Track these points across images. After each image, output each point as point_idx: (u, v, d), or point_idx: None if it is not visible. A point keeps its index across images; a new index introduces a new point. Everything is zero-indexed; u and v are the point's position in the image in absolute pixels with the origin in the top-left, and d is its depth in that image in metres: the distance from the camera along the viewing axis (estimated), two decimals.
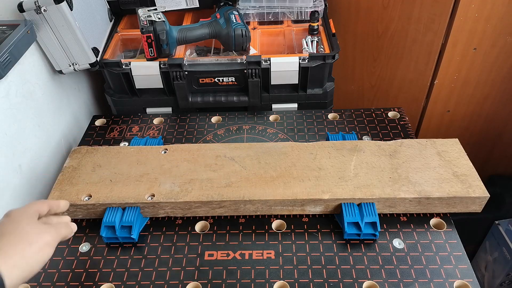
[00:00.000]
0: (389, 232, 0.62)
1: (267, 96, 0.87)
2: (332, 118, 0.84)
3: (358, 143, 0.70)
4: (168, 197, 0.62)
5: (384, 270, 0.57)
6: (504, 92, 1.10)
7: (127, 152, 0.71)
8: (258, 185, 0.63)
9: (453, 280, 0.56)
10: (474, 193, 0.61)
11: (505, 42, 0.99)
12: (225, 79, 0.84)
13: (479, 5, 0.93)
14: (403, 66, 1.12)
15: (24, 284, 0.58)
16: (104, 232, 0.61)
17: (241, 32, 0.81)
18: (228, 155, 0.69)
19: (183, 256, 0.60)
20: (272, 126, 0.83)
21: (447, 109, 1.16)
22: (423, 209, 0.63)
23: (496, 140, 1.22)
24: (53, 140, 0.81)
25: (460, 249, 0.59)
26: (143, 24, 0.78)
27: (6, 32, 0.66)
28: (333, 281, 0.56)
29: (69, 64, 0.79)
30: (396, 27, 1.05)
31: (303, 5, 0.92)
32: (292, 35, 0.92)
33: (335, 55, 0.82)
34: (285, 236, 0.62)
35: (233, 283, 0.57)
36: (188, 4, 0.92)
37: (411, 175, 0.64)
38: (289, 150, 0.69)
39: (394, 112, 0.84)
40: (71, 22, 0.73)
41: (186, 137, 0.81)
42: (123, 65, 0.83)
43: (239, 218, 0.65)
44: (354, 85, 1.23)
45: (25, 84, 0.72)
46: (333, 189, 0.62)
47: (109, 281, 0.58)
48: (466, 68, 1.06)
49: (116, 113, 0.92)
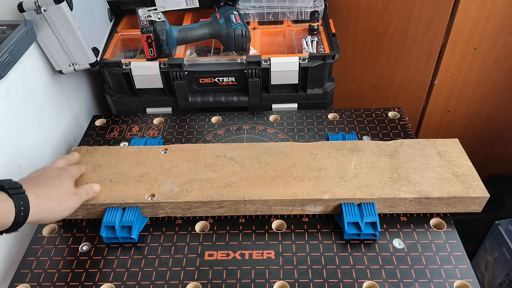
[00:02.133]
0: (389, 232, 0.62)
1: (267, 96, 0.87)
2: (332, 118, 0.84)
3: (358, 143, 0.70)
4: (168, 197, 0.62)
5: (384, 270, 0.57)
6: (504, 92, 1.10)
7: (127, 152, 0.71)
8: (258, 185, 0.63)
9: (453, 280, 0.56)
10: (474, 193, 0.61)
11: (505, 42, 0.99)
12: (225, 79, 0.84)
13: (479, 5, 0.93)
14: (403, 66, 1.12)
15: (24, 284, 0.58)
16: (104, 232, 0.61)
17: (241, 32, 0.81)
18: (228, 155, 0.69)
19: (183, 256, 0.60)
20: (272, 126, 0.83)
21: (447, 109, 1.16)
22: (423, 209, 0.63)
23: (496, 140, 1.22)
24: (53, 140, 0.81)
25: (460, 249, 0.59)
26: (143, 24, 0.78)
27: (6, 32, 0.66)
28: (333, 281, 0.56)
29: (69, 64, 0.79)
30: (396, 27, 1.05)
31: (303, 5, 0.92)
32: (292, 35, 0.92)
33: (335, 55, 0.82)
34: (285, 236, 0.62)
35: (233, 283, 0.57)
36: (188, 4, 0.92)
37: (411, 175, 0.64)
38: (289, 150, 0.69)
39: (394, 112, 0.84)
40: (71, 22, 0.73)
41: (186, 137, 0.81)
42: (123, 65, 0.83)
43: (239, 218, 0.65)
44: (354, 85, 1.23)
45: (25, 84, 0.72)
46: (333, 189, 0.62)
47: (109, 281, 0.58)
48: (466, 68, 1.06)
49: (116, 113, 0.92)
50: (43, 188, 0.53)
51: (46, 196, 0.52)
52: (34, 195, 0.50)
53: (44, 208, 0.52)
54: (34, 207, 0.49)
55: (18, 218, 0.47)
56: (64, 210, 0.54)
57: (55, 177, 0.56)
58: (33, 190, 0.51)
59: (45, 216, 0.52)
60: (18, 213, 0.47)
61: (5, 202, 0.47)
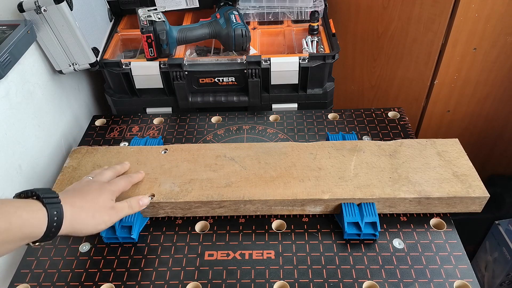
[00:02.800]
0: (389, 232, 0.62)
1: (267, 96, 0.87)
2: (332, 118, 0.84)
3: (358, 143, 0.70)
4: (168, 197, 0.62)
5: (384, 270, 0.57)
6: (504, 92, 1.10)
7: (127, 152, 0.71)
8: (258, 185, 0.63)
9: (453, 280, 0.56)
10: (474, 193, 0.61)
11: (505, 42, 0.99)
12: (225, 79, 0.84)
13: (479, 5, 0.93)
14: (403, 66, 1.12)
15: (24, 284, 0.58)
16: (104, 232, 0.61)
17: (241, 32, 0.81)
18: (228, 155, 0.69)
19: (183, 256, 0.60)
20: (272, 126, 0.83)
21: (447, 109, 1.16)
22: (423, 209, 0.63)
23: (496, 140, 1.22)
24: (53, 140, 0.81)
25: (460, 249, 0.59)
26: (143, 24, 0.78)
27: (6, 32, 0.66)
28: (333, 281, 0.56)
29: (69, 64, 0.79)
30: (396, 27, 1.05)
31: (303, 5, 0.92)
32: (292, 35, 0.92)
33: (335, 55, 0.82)
34: (285, 236, 0.62)
35: (233, 283, 0.57)
36: (188, 4, 0.92)
37: (411, 175, 0.64)
38: (289, 150, 0.69)
39: (394, 112, 0.84)
40: (71, 22, 0.73)
41: (186, 137, 0.81)
42: (123, 65, 0.83)
43: (239, 218, 0.65)
44: (354, 85, 1.23)
45: (25, 84, 0.72)
46: (333, 189, 0.62)
47: (109, 281, 0.58)
48: (466, 68, 1.06)
49: (116, 113, 0.92)
50: (80, 200, 0.52)
51: (80, 207, 0.51)
52: (69, 205, 0.49)
53: (77, 220, 0.50)
54: (67, 218, 0.48)
55: (51, 229, 0.46)
56: (98, 224, 0.53)
57: (95, 190, 0.55)
58: (69, 200, 0.50)
59: (78, 228, 0.50)
60: (50, 223, 0.46)
61: (37, 212, 0.45)
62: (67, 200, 0.49)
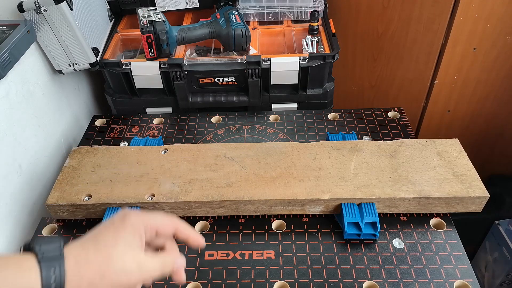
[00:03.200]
0: (389, 232, 0.62)
1: (267, 96, 0.87)
2: (332, 118, 0.84)
3: (358, 143, 0.70)
4: (168, 197, 0.62)
5: (384, 270, 0.57)
6: (504, 92, 1.10)
7: (127, 152, 0.71)
8: (258, 185, 0.63)
9: (453, 280, 0.56)
10: (474, 193, 0.61)
11: (505, 42, 0.99)
12: (225, 79, 0.84)
13: (479, 5, 0.93)
14: (403, 66, 1.12)
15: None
16: None
17: (241, 32, 0.81)
18: (228, 155, 0.69)
19: None
20: (272, 126, 0.83)
21: (447, 109, 1.16)
22: (423, 209, 0.63)
23: (497, 140, 1.22)
24: (53, 140, 0.81)
25: (460, 249, 0.59)
26: (143, 24, 0.78)
27: (6, 32, 0.66)
28: (333, 281, 0.56)
29: (69, 64, 0.79)
30: (396, 27, 1.05)
31: (303, 5, 0.91)
32: (292, 35, 0.92)
33: (335, 55, 0.82)
34: (285, 236, 0.62)
35: (233, 283, 0.57)
36: (188, 4, 0.92)
37: (411, 175, 0.64)
38: (289, 150, 0.69)
39: (394, 112, 0.84)
40: (71, 22, 0.73)
41: (186, 137, 0.81)
42: (123, 65, 0.83)
43: (239, 218, 0.65)
44: (354, 85, 1.23)
45: (25, 84, 0.72)
46: (333, 189, 0.62)
47: None
48: (466, 68, 1.06)
49: (116, 113, 0.92)
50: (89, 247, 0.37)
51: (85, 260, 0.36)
52: (73, 258, 0.36)
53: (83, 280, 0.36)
54: (70, 279, 0.35)
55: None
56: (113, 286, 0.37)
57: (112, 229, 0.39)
58: (74, 252, 0.36)
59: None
60: (45, 286, 0.33)
61: (28, 272, 0.33)
62: (72, 252, 0.36)
